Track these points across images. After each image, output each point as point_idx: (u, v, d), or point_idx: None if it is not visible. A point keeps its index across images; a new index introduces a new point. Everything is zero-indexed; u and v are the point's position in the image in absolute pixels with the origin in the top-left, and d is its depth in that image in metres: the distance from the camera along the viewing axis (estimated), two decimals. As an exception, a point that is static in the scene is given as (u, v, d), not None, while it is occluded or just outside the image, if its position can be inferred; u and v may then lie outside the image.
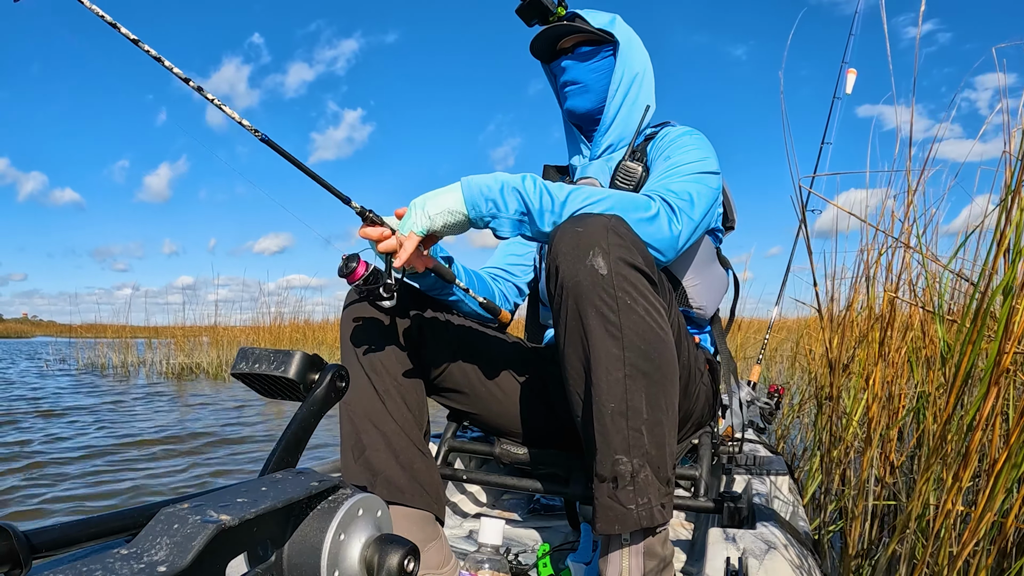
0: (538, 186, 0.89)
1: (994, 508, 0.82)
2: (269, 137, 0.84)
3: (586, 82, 1.18)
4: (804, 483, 1.71)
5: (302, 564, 0.45)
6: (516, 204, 0.88)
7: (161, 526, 0.37)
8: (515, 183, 0.89)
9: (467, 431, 1.45)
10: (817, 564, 0.99)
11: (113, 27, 0.78)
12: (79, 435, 3.59)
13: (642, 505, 0.75)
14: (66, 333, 13.10)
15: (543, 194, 0.89)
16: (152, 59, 0.79)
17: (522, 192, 0.88)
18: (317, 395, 0.56)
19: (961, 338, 0.92)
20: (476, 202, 0.87)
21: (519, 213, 0.88)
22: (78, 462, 2.92)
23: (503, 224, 0.88)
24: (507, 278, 1.29)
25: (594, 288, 0.77)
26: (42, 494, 2.41)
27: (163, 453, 3.19)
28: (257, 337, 8.92)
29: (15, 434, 3.60)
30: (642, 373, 0.77)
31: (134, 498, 2.41)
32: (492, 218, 0.88)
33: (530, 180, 0.89)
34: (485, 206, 0.87)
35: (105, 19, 0.78)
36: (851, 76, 2.25)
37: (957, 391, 0.90)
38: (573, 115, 1.22)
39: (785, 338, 3.92)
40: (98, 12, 0.78)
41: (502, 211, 0.87)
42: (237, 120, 0.83)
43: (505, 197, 0.88)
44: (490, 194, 0.87)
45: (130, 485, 2.56)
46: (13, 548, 0.34)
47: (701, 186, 1.02)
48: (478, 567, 0.88)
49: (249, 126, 0.83)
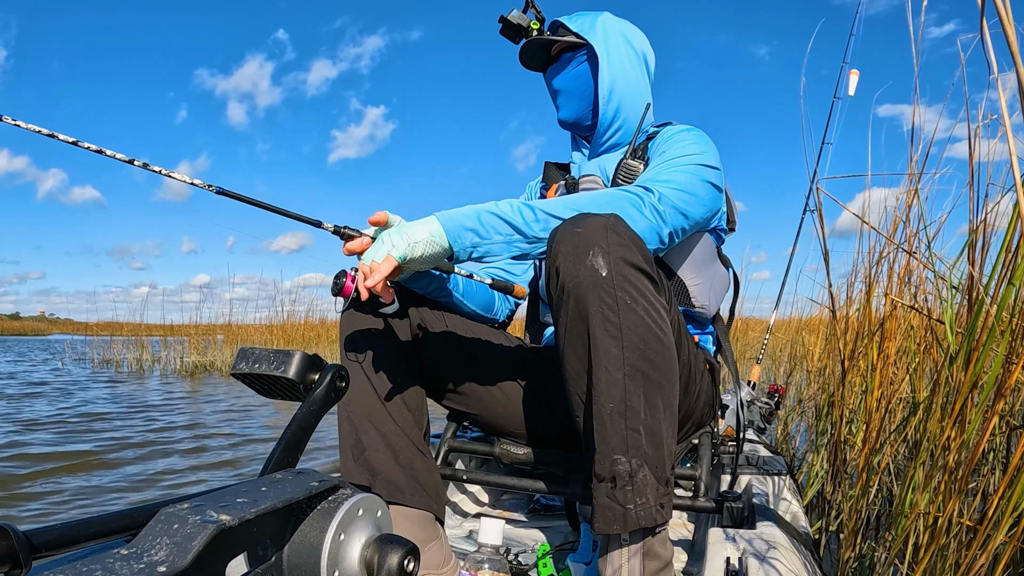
0: (514, 206, 0.90)
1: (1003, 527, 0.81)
2: (224, 188, 0.88)
3: (568, 90, 1.20)
4: (804, 483, 1.71)
5: (302, 564, 0.45)
6: (498, 225, 0.88)
7: (161, 526, 0.37)
8: (490, 208, 0.89)
9: (467, 431, 1.45)
10: (817, 564, 1.00)
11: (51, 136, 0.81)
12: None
13: (640, 505, 0.75)
14: (83, 331, 13.15)
15: (521, 210, 0.90)
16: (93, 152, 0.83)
17: (499, 214, 0.89)
18: (317, 395, 0.56)
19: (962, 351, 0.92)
20: (458, 234, 0.87)
21: (505, 234, 0.89)
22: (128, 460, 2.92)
23: (491, 248, 0.88)
24: (507, 277, 1.29)
25: (594, 288, 0.77)
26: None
27: (162, 452, 3.19)
28: (271, 335, 8.97)
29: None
30: (641, 373, 0.77)
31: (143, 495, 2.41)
32: (475, 247, 0.88)
33: (504, 203, 0.90)
34: (467, 236, 0.87)
35: (42, 132, 0.81)
36: (853, 77, 2.25)
37: (963, 398, 0.90)
38: (564, 124, 1.24)
39: (791, 338, 3.92)
40: (33, 128, 0.81)
41: (485, 237, 0.88)
42: (189, 182, 0.86)
43: (484, 223, 0.88)
44: (469, 223, 0.87)
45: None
46: (13, 548, 0.34)
47: (692, 176, 1.02)
48: (478, 567, 0.88)
49: (202, 184, 0.87)
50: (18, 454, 3.06)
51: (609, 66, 1.15)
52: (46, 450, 3.17)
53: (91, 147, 0.82)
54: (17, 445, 3.27)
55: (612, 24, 1.18)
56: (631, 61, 1.17)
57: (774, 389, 2.26)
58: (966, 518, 0.93)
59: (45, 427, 3.84)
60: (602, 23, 1.17)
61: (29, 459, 2.96)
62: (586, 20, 1.18)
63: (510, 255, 0.90)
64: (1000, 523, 0.81)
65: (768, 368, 4.16)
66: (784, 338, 4.11)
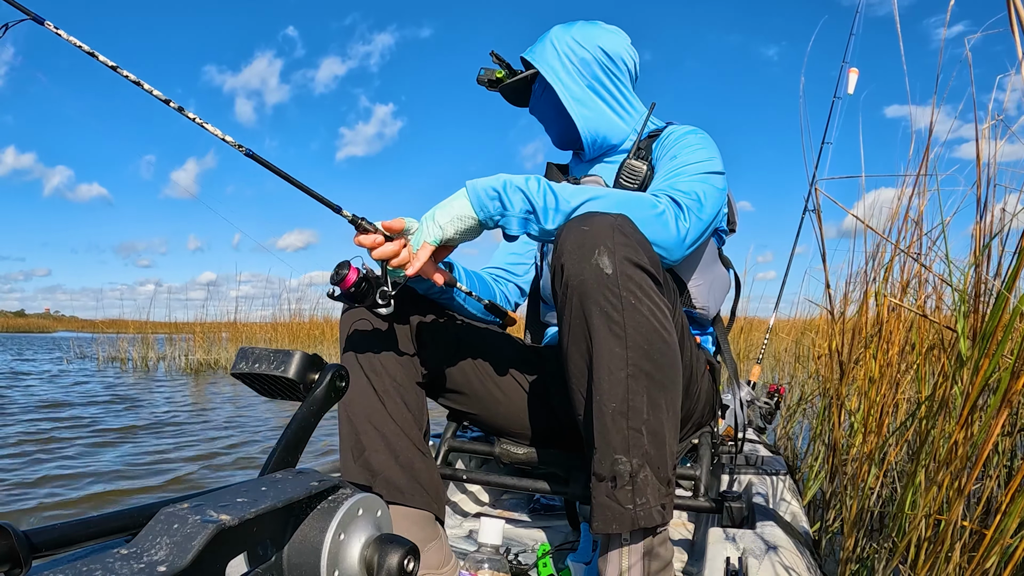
0: (542, 185, 0.89)
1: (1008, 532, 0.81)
2: (253, 151, 0.85)
3: (544, 116, 1.25)
4: (804, 483, 1.71)
5: (302, 564, 0.45)
6: (521, 202, 0.88)
7: (161, 526, 0.37)
8: (519, 183, 0.89)
9: (467, 431, 1.45)
10: (817, 564, 0.99)
11: (91, 55, 0.78)
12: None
13: (640, 505, 0.75)
14: (88, 328, 13.13)
15: (547, 193, 0.89)
16: (132, 83, 0.79)
17: (526, 191, 0.89)
18: (317, 395, 0.56)
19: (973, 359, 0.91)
20: (483, 203, 0.88)
21: (524, 211, 0.88)
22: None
23: (511, 222, 0.89)
24: (508, 278, 1.29)
25: (599, 287, 0.77)
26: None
27: (162, 451, 3.19)
28: (276, 334, 8.98)
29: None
30: (644, 373, 0.77)
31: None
32: (500, 216, 0.88)
33: (534, 180, 0.90)
34: (492, 206, 0.88)
35: (83, 48, 0.78)
36: (852, 76, 2.26)
37: (971, 401, 0.89)
38: (559, 147, 1.29)
39: (794, 339, 3.92)
40: (75, 42, 0.78)
41: (509, 209, 0.88)
42: (220, 136, 0.84)
43: (510, 195, 0.88)
44: (495, 194, 0.88)
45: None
46: (13, 548, 0.34)
47: (708, 186, 1.02)
48: (478, 567, 0.88)
49: (232, 142, 0.84)
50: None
51: (562, 84, 1.15)
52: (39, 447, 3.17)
53: (130, 76, 0.77)
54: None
55: (559, 38, 1.17)
56: (584, 67, 1.15)
57: (774, 389, 2.26)
58: (971, 520, 0.93)
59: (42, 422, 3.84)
60: (549, 43, 1.17)
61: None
62: (537, 47, 1.19)
63: (524, 232, 0.90)
64: (1007, 526, 0.81)
65: (769, 368, 4.16)
66: (787, 339, 4.11)
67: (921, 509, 0.99)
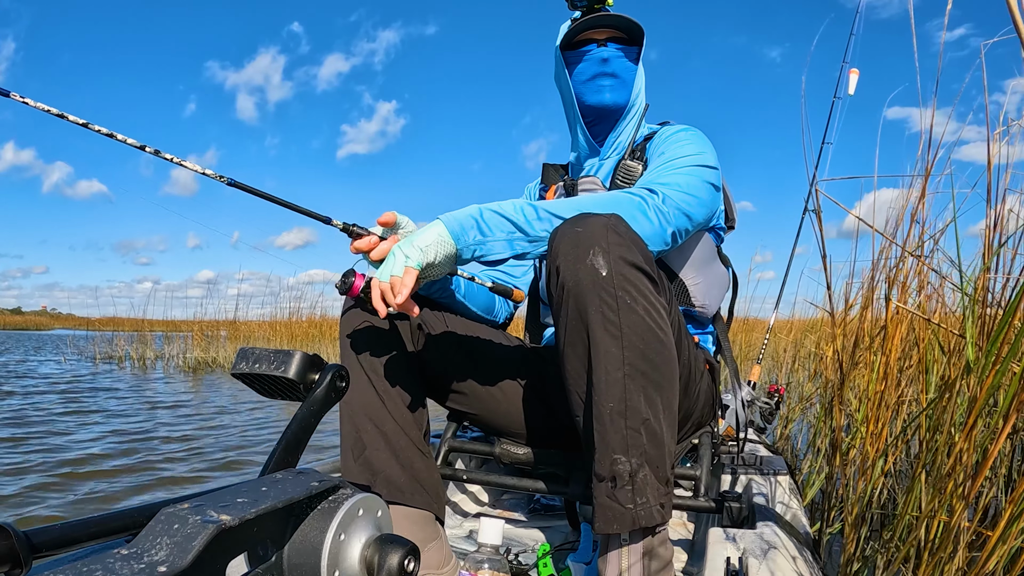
0: (517, 205, 0.90)
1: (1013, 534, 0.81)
2: (236, 180, 0.87)
3: (624, 78, 1.17)
4: (805, 483, 1.71)
5: (302, 564, 0.45)
6: (500, 224, 0.88)
7: (161, 526, 0.37)
8: (492, 207, 0.90)
9: (467, 431, 1.45)
10: (817, 564, 0.99)
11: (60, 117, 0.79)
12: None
13: (640, 505, 0.75)
14: (84, 326, 13.10)
15: (523, 208, 0.90)
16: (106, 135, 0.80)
17: (501, 213, 0.89)
18: (317, 395, 0.56)
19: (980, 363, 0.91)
20: (463, 231, 0.87)
21: (507, 232, 0.89)
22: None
23: (494, 247, 0.88)
24: (506, 280, 1.29)
25: (594, 288, 0.77)
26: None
27: (162, 451, 3.19)
28: (274, 332, 8.97)
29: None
30: (641, 373, 0.77)
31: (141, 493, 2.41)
32: (479, 245, 0.88)
33: (507, 203, 0.90)
34: (471, 235, 0.87)
35: (51, 112, 0.79)
36: (853, 76, 2.26)
37: (978, 408, 0.89)
38: (597, 111, 1.18)
39: (794, 339, 3.92)
40: (43, 107, 0.79)
41: (489, 235, 0.88)
42: (200, 171, 0.85)
43: (487, 221, 0.88)
44: (473, 222, 0.87)
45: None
46: (13, 548, 0.34)
47: (694, 178, 1.02)
48: (478, 567, 0.88)
49: (213, 174, 0.85)
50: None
51: (643, 71, 1.19)
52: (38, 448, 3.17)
53: (102, 130, 0.79)
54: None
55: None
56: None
57: (774, 389, 2.26)
58: (974, 523, 0.93)
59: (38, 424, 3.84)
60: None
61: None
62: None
63: (512, 253, 0.90)
64: (1011, 528, 0.81)
65: (769, 368, 4.16)
66: (786, 339, 4.11)
67: (924, 512, 0.99)
